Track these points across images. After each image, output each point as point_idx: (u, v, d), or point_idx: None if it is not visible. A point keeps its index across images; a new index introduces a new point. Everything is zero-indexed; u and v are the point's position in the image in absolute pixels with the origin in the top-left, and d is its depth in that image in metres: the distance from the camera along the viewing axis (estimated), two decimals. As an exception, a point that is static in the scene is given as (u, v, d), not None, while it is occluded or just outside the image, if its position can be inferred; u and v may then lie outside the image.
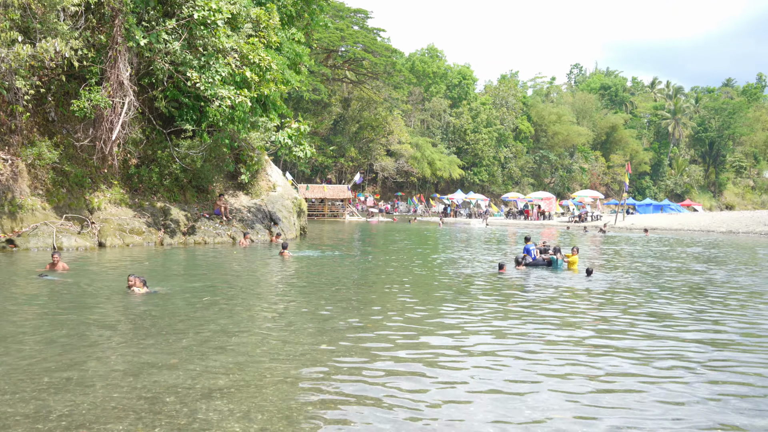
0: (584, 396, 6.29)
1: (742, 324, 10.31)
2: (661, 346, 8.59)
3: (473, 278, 15.55)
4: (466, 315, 10.41)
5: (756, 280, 16.63)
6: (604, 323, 10.22)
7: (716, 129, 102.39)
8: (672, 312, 11.25)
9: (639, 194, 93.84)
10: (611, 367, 7.42)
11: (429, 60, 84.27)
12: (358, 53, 62.76)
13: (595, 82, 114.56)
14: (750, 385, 6.81)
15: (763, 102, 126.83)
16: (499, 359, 7.64)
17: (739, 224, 49.07)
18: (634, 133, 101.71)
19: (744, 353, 8.34)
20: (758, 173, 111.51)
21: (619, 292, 13.71)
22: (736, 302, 12.74)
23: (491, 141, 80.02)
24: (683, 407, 6.03)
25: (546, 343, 8.63)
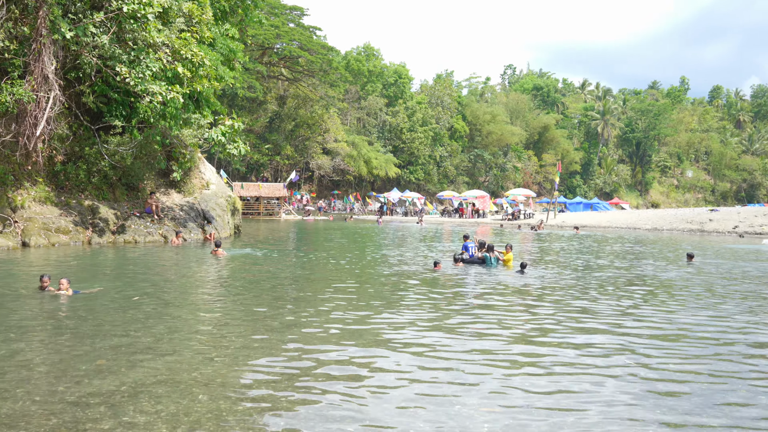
0: (518, 393, 6.40)
1: (666, 318, 10.68)
2: (595, 342, 8.82)
3: (409, 275, 15.65)
4: (402, 312, 10.47)
5: (680, 273, 17.29)
6: (536, 319, 10.44)
7: (643, 130, 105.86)
8: (601, 307, 11.57)
9: (570, 193, 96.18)
10: (545, 364, 7.58)
11: (365, 58, 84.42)
12: (294, 51, 62.32)
13: (528, 83, 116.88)
14: (682, 382, 7.05)
15: (686, 104, 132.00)
16: (434, 357, 7.70)
17: (664, 222, 50.85)
18: (565, 133, 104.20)
19: (670, 348, 8.64)
20: (681, 173, 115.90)
21: (552, 288, 14.03)
22: (665, 296, 13.20)
23: (427, 140, 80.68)
24: (619, 406, 6.21)
25: (479, 337, 8.74)
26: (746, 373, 7.27)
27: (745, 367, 7.53)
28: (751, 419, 5.71)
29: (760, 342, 8.90)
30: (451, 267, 17.59)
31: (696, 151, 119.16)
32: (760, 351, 8.38)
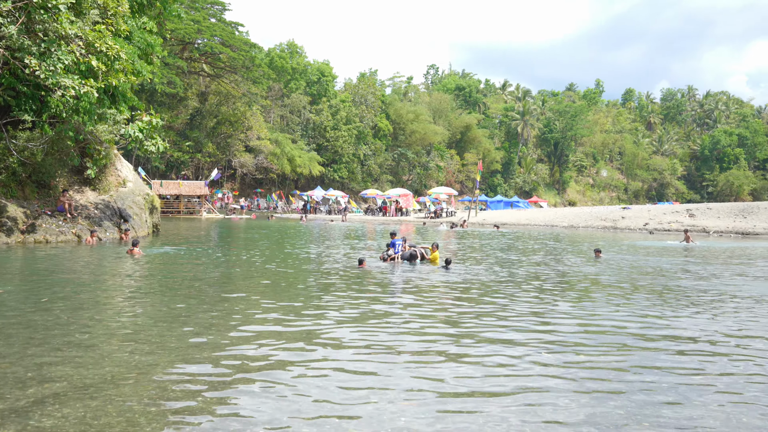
0: (438, 387, 6.49)
1: (583, 314, 11.04)
2: (515, 339, 9.02)
3: (333, 273, 15.64)
4: (326, 310, 10.43)
5: (595, 269, 17.91)
6: (459, 314, 10.60)
7: (560, 130, 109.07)
8: (520, 302, 11.87)
9: (491, 191, 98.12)
10: (468, 360, 7.71)
11: (289, 56, 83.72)
12: (215, 47, 61.22)
13: (451, 83, 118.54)
14: (602, 380, 7.30)
15: (601, 106, 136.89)
16: (356, 355, 7.73)
17: (580, 219, 52.52)
18: (487, 132, 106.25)
19: (586, 341, 8.94)
20: (597, 172, 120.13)
21: (475, 284, 14.29)
22: (580, 291, 13.65)
23: (351, 138, 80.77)
24: (542, 406, 6.37)
25: (401, 333, 8.82)
26: (654, 363, 7.59)
27: (652, 356, 7.87)
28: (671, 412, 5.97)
29: (663, 335, 9.31)
30: (377, 265, 17.69)
31: (610, 151, 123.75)
32: (669, 344, 8.77)
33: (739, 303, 12.33)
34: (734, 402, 6.12)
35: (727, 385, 6.71)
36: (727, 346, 8.53)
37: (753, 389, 6.55)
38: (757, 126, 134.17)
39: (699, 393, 6.37)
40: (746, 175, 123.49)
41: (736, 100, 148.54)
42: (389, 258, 18.26)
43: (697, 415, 5.70)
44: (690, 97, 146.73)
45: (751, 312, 11.29)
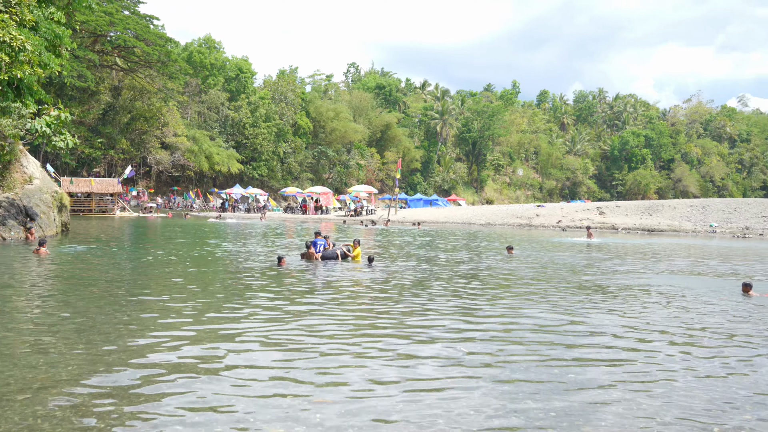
0: (356, 384, 6.55)
1: (500, 310, 11.33)
2: (436, 336, 9.17)
3: (251, 272, 15.48)
4: (242, 311, 10.32)
5: (509, 265, 18.40)
6: (381, 311, 10.70)
7: (478, 130, 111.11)
8: (439, 298, 12.07)
9: (411, 189, 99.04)
10: (388, 357, 7.80)
11: (207, 51, 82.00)
12: (128, 40, 59.28)
13: (371, 82, 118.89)
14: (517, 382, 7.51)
15: (517, 107, 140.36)
16: (275, 353, 7.71)
17: (496, 217, 53.75)
18: (407, 131, 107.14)
19: (502, 336, 9.18)
20: (513, 171, 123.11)
21: (397, 280, 14.45)
22: (496, 288, 13.99)
23: (270, 136, 79.85)
24: (453, 391, 6.51)
25: (321, 331, 8.84)
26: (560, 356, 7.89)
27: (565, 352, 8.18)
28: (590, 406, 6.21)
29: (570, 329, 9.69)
30: (297, 262, 17.64)
31: (526, 150, 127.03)
32: (572, 338, 9.11)
33: (646, 297, 12.95)
34: (637, 391, 6.45)
35: (638, 380, 7.05)
36: (630, 340, 8.96)
37: (662, 380, 6.91)
38: (662, 128, 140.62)
39: (607, 384, 6.67)
40: (652, 175, 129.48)
41: (643, 103, 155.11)
42: (311, 256, 18.23)
43: (601, 402, 5.97)
44: (601, 99, 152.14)
45: (658, 305, 11.88)
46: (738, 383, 6.74)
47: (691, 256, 23.76)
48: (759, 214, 45.97)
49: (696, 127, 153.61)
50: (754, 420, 5.61)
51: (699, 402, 6.06)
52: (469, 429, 5.24)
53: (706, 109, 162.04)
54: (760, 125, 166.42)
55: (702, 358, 7.86)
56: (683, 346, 8.46)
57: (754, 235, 40.64)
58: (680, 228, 44.40)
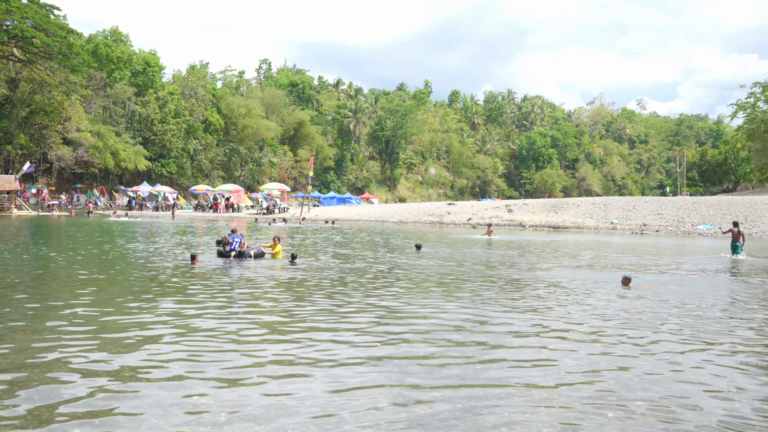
0: (269, 384, 6.54)
1: (417, 306, 11.52)
2: (355, 331, 9.24)
3: (162, 271, 15.13)
4: (151, 311, 10.08)
5: (417, 262, 18.72)
6: (298, 308, 10.68)
7: (391, 129, 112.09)
8: (357, 296, 12.17)
9: (324, 188, 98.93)
10: (303, 354, 7.81)
11: (113, 44, 79.12)
12: (26, 30, 56.52)
13: (284, 79, 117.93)
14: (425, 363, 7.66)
15: (430, 106, 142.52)
16: (182, 354, 7.60)
17: (409, 215, 54.43)
18: (320, 129, 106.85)
19: (415, 332, 9.35)
20: (425, 169, 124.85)
21: (313, 278, 14.45)
22: (404, 284, 14.22)
23: (180, 132, 77.91)
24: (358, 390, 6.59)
25: (238, 332, 8.76)
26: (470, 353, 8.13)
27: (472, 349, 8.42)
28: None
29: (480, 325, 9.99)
30: (212, 261, 17.38)
31: (438, 149, 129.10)
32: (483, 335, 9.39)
33: (534, 290, 13.47)
34: (537, 386, 6.74)
35: (547, 379, 7.35)
36: (530, 333, 9.32)
37: (554, 367, 7.24)
38: (567, 129, 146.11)
39: (509, 381, 6.93)
40: (558, 174, 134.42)
41: (549, 104, 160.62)
42: (227, 254, 17.99)
43: (504, 404, 6.21)
44: (510, 100, 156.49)
45: (552, 297, 12.38)
46: (632, 366, 7.15)
47: (591, 251, 24.82)
48: (655, 211, 48.39)
49: (599, 129, 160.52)
50: (646, 404, 5.97)
51: (589, 392, 6.39)
52: (375, 423, 5.35)
53: (608, 111, 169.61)
54: (657, 127, 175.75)
55: (598, 346, 8.28)
56: (573, 333, 8.88)
57: (651, 231, 42.77)
58: (583, 225, 46.23)
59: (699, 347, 8.41)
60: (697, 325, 9.94)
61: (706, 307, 11.65)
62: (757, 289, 14.67)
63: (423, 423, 5.37)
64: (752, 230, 39.09)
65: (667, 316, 10.63)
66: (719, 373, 7.18)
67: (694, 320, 10.33)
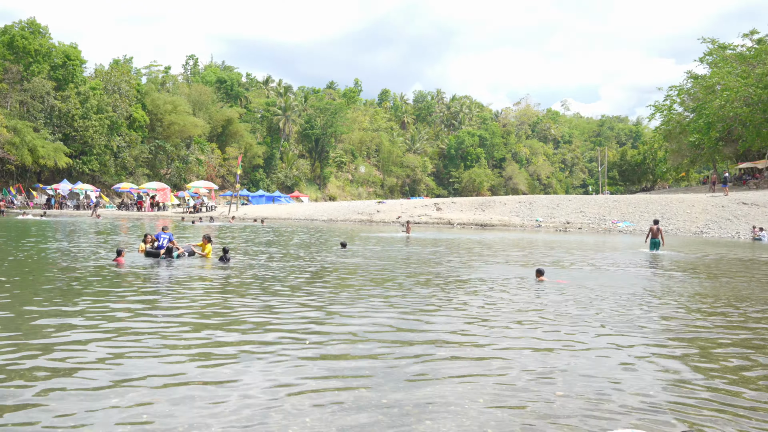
0: (190, 386, 6.49)
1: (345, 305, 11.58)
2: (283, 329, 9.21)
3: (85, 271, 14.70)
4: (72, 312, 9.81)
5: (342, 260, 18.80)
6: (224, 308, 10.58)
7: (321, 127, 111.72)
8: (286, 294, 12.14)
9: (253, 186, 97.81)
10: (228, 353, 7.76)
11: (30, 36, 76.00)
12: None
13: (211, 75, 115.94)
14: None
15: (360, 105, 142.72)
16: (103, 353, 7.45)
17: (338, 213, 54.46)
18: (249, 127, 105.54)
19: (340, 330, 9.41)
20: (355, 168, 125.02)
21: (244, 277, 14.32)
22: (339, 280, 14.27)
23: (103, 129, 75.49)
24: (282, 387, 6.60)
25: (160, 333, 8.63)
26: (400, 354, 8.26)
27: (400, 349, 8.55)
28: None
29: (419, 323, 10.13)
30: (136, 260, 17.00)
31: (368, 148, 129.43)
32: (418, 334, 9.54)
33: (456, 287, 13.77)
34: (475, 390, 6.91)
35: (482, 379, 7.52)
36: (449, 328, 9.52)
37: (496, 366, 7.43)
38: (494, 128, 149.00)
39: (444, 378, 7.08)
40: (486, 173, 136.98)
41: (477, 104, 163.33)
42: (156, 252, 17.63)
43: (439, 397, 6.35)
44: (439, 99, 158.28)
45: (464, 293, 12.67)
46: (551, 357, 7.42)
47: (516, 248, 25.44)
48: (578, 209, 49.91)
49: (525, 129, 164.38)
50: (563, 394, 6.21)
51: (511, 386, 6.61)
52: (302, 421, 5.40)
53: (534, 111, 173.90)
54: (580, 128, 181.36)
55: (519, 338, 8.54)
56: (487, 328, 9.14)
57: (574, 229, 44.14)
58: (510, 223, 47.28)
59: (604, 335, 8.79)
60: (600, 317, 10.38)
61: (611, 299, 12.17)
62: (670, 280, 15.38)
63: (349, 423, 5.45)
64: (668, 227, 40.81)
65: (575, 307, 11.05)
66: (627, 360, 7.54)
67: (600, 312, 10.79)
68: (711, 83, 69.09)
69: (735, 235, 37.89)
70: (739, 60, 70.23)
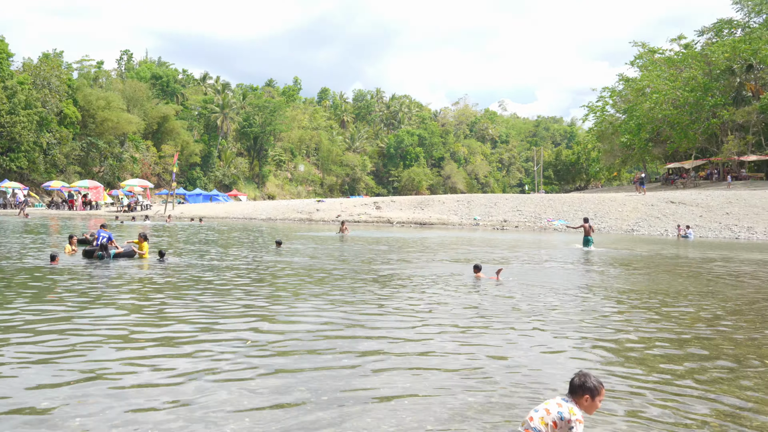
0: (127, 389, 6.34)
1: (283, 304, 11.47)
2: (221, 329, 9.07)
3: (17, 272, 14.17)
4: (5, 315, 9.47)
5: (278, 258, 18.68)
6: (162, 307, 10.36)
7: (260, 125, 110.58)
8: (225, 294, 11.95)
9: (190, 184, 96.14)
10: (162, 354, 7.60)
11: (-48, 27, 72.89)
12: None
13: (146, 71, 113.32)
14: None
15: (299, 103, 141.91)
16: (42, 359, 7.21)
17: (278, 212, 54.05)
18: (186, 124, 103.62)
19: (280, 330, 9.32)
20: (295, 167, 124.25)
21: (186, 277, 14.08)
22: (276, 280, 14.14)
23: (31, 125, 72.76)
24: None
25: (93, 334, 8.39)
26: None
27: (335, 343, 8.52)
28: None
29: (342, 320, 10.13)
30: (73, 260, 16.50)
31: (307, 147, 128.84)
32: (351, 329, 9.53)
33: (393, 283, 13.85)
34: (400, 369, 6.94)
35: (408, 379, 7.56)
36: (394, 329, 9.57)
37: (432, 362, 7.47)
38: (433, 128, 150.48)
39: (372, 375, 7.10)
40: (425, 172, 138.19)
41: (417, 104, 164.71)
42: (92, 251, 17.16)
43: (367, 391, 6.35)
44: (378, 98, 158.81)
45: (404, 290, 12.76)
46: (478, 348, 7.54)
47: (454, 246, 25.74)
48: (515, 208, 50.79)
49: (463, 128, 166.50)
50: (499, 388, 6.31)
51: (452, 379, 6.69)
52: (240, 421, 5.33)
53: (472, 111, 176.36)
54: (517, 128, 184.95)
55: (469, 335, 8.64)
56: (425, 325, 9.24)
57: (511, 227, 44.91)
58: (449, 221, 47.76)
59: (540, 329, 8.98)
60: (535, 310, 10.60)
61: (546, 294, 12.44)
62: (602, 276, 15.82)
63: (289, 422, 5.41)
64: (601, 225, 41.95)
65: (511, 303, 11.26)
66: (563, 351, 7.73)
67: (533, 305, 11.02)
68: (641, 86, 71.45)
69: (663, 232, 39.20)
70: (667, 64, 72.84)
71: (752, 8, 71.07)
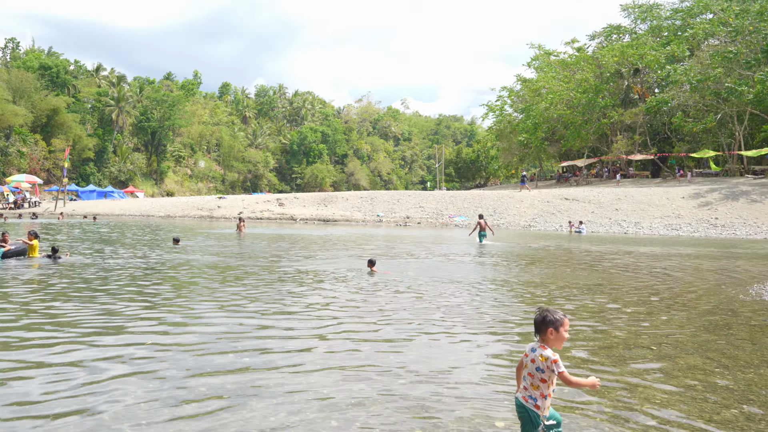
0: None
1: (182, 303, 11.15)
2: (126, 329, 8.71)
3: None
4: None
5: (177, 256, 18.20)
6: (59, 310, 9.87)
7: (158, 119, 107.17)
8: (123, 294, 11.49)
9: (83, 181, 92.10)
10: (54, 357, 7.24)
11: None
12: None
13: (33, 61, 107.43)
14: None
15: (199, 98, 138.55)
16: None
17: (177, 209, 52.65)
18: (78, 117, 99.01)
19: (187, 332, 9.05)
20: (195, 163, 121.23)
21: (77, 276, 13.46)
22: (176, 280, 13.73)
23: None
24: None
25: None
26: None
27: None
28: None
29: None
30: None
31: (208, 142, 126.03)
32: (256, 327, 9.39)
33: (292, 280, 13.80)
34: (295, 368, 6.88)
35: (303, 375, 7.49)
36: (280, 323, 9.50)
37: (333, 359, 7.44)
38: (337, 125, 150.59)
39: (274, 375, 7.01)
40: (328, 169, 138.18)
41: (320, 101, 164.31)
42: None
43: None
44: (281, 94, 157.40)
45: (308, 288, 12.73)
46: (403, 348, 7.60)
47: (357, 243, 25.85)
48: (417, 204, 51.53)
49: (366, 126, 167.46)
50: (408, 382, 6.37)
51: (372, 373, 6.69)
52: (138, 424, 5.15)
53: (375, 109, 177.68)
54: (419, 126, 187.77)
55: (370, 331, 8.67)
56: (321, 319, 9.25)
57: (414, 223, 45.52)
58: (352, 218, 47.89)
59: (435, 321, 9.15)
60: (429, 303, 10.81)
61: (438, 286, 12.71)
62: (495, 270, 16.29)
63: (191, 424, 5.27)
64: (500, 221, 43.20)
65: (404, 297, 11.44)
66: (459, 342, 7.90)
67: (427, 298, 11.24)
68: (537, 86, 74.07)
69: (558, 228, 40.79)
70: (561, 66, 75.80)
71: (638, 15, 75.21)
